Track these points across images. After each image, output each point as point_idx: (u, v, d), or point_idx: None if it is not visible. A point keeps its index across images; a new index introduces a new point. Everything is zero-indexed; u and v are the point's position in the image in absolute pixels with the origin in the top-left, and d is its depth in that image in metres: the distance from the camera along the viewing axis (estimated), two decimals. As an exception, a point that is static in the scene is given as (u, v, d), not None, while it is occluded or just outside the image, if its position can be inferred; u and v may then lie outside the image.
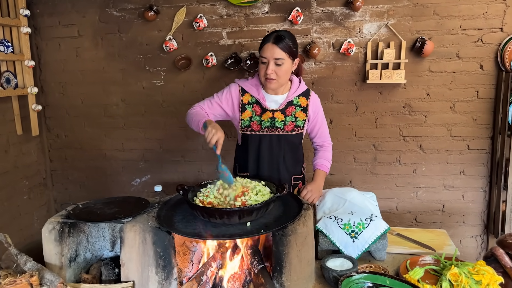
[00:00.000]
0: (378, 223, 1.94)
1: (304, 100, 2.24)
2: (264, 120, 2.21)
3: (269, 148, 2.25)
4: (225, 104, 2.23)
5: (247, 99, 2.22)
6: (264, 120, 2.21)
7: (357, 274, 1.71)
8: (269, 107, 2.21)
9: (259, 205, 1.64)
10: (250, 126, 2.23)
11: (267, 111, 2.21)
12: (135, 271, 1.72)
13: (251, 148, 2.26)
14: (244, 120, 2.24)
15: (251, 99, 2.22)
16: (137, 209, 1.85)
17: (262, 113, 2.22)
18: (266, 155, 2.26)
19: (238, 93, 2.23)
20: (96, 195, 3.48)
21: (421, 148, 3.04)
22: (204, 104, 2.22)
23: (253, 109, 2.22)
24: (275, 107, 2.22)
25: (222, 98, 2.23)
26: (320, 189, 2.23)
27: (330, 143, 2.37)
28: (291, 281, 1.64)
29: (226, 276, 1.76)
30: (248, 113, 2.23)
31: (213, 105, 2.22)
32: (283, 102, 2.21)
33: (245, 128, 2.25)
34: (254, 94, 2.21)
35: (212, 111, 2.22)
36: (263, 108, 2.21)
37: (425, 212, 3.12)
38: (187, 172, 3.37)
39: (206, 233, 1.61)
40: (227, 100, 2.23)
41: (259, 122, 2.22)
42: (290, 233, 1.63)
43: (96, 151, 3.46)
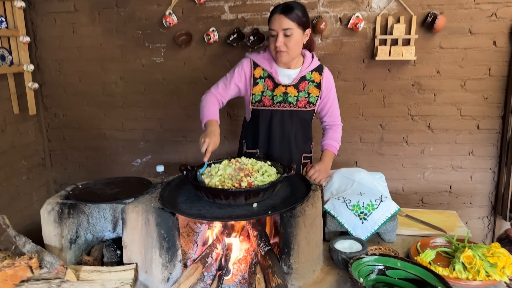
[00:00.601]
0: (388, 204, 1.87)
1: (318, 75, 2.16)
2: (277, 95, 2.13)
3: (281, 124, 2.17)
4: (239, 81, 2.15)
5: (259, 73, 2.14)
6: (276, 95, 2.13)
7: (367, 256, 1.65)
8: (281, 82, 2.13)
9: (266, 186, 1.57)
10: (262, 101, 2.15)
11: (279, 86, 2.13)
12: (138, 253, 1.66)
13: (262, 124, 2.19)
14: (255, 94, 2.15)
15: (263, 73, 2.14)
16: (139, 190, 1.79)
17: (274, 87, 2.13)
18: (278, 131, 2.18)
19: (250, 67, 2.15)
20: (96, 175, 3.42)
21: (429, 127, 2.96)
22: (218, 87, 2.15)
23: (265, 84, 2.14)
24: (288, 82, 2.13)
25: (235, 75, 2.15)
26: (327, 169, 2.16)
27: (340, 124, 2.29)
28: (299, 263, 1.58)
29: (232, 258, 1.70)
30: (259, 87, 2.15)
31: (227, 86, 2.15)
32: (296, 77, 2.12)
33: (256, 103, 2.16)
34: (266, 68, 2.12)
35: (228, 91, 2.15)
36: (276, 82, 2.13)
37: (432, 193, 3.06)
38: (189, 152, 3.30)
39: (211, 215, 1.54)
40: (240, 76, 2.15)
41: (271, 97, 2.14)
42: (298, 214, 1.56)
43: (95, 130, 3.37)
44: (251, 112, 2.22)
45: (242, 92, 2.20)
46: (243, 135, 2.37)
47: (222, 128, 1.96)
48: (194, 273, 1.57)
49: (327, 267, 1.74)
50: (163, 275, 1.58)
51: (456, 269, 1.62)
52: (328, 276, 1.68)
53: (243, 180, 1.64)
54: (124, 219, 1.66)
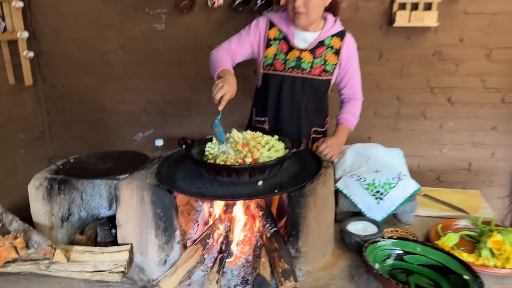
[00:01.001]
0: (406, 183, 1.71)
1: (338, 41, 1.96)
2: (289, 59, 1.95)
3: (291, 92, 2.00)
4: (253, 39, 1.98)
5: (274, 34, 1.96)
6: (289, 59, 1.95)
7: (384, 240, 1.50)
8: (297, 45, 1.94)
9: (273, 162, 1.41)
10: (273, 65, 1.97)
11: (294, 50, 1.94)
12: (133, 233, 1.53)
13: (271, 91, 2.01)
14: (268, 57, 1.98)
15: (279, 34, 1.95)
16: (135, 165, 1.64)
17: (288, 51, 1.95)
18: (287, 99, 2.01)
19: (265, 27, 1.96)
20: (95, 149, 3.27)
21: (449, 101, 2.76)
22: (231, 43, 1.97)
23: (279, 46, 1.96)
24: (303, 46, 1.94)
25: (251, 33, 1.97)
26: (341, 145, 1.98)
27: (361, 98, 2.10)
28: (308, 247, 1.44)
29: (235, 240, 1.57)
30: (272, 49, 1.97)
31: (240, 43, 1.97)
32: (314, 41, 1.93)
33: (267, 67, 1.99)
34: (283, 29, 1.94)
35: (241, 49, 1.97)
36: (290, 46, 1.94)
37: (449, 171, 2.89)
38: (192, 127, 3.14)
39: (211, 193, 1.39)
40: (255, 34, 1.97)
41: (283, 61, 1.96)
42: (308, 194, 1.41)
43: (95, 103, 3.22)
44: (262, 77, 2.05)
45: (255, 53, 2.02)
46: (254, 102, 2.21)
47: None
48: (193, 256, 1.44)
49: (338, 250, 1.59)
50: (160, 257, 1.45)
51: (483, 255, 1.47)
52: (340, 260, 1.53)
53: (248, 156, 1.49)
54: (118, 197, 1.53)
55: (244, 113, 2.35)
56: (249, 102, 2.94)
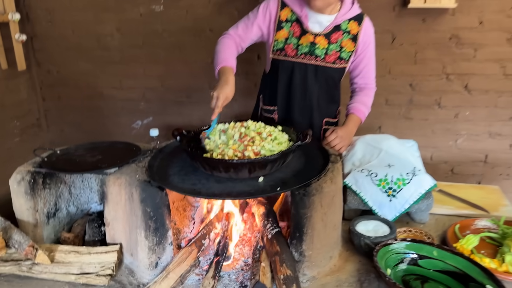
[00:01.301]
0: (422, 179, 1.56)
1: (356, 26, 1.79)
2: (302, 44, 1.79)
3: (303, 80, 1.84)
4: (262, 22, 1.82)
5: (285, 15, 1.79)
6: (302, 44, 1.79)
7: (397, 242, 1.37)
8: (311, 29, 1.78)
9: (275, 157, 1.27)
10: (284, 50, 1.82)
11: (307, 34, 1.78)
12: (122, 232, 1.41)
13: (281, 78, 1.86)
14: (278, 41, 1.82)
15: (291, 16, 1.79)
16: (125, 158, 1.51)
17: (301, 35, 1.79)
18: (298, 88, 1.85)
19: (276, 7, 1.80)
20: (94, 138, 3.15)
21: (466, 88, 2.58)
22: (238, 28, 1.82)
23: (291, 29, 1.80)
24: (318, 30, 1.78)
25: (259, 15, 1.81)
26: (350, 136, 1.83)
27: (374, 88, 1.95)
28: (313, 250, 1.31)
29: (233, 241, 1.44)
30: (283, 32, 1.81)
31: (248, 27, 1.81)
32: (330, 25, 1.77)
33: (277, 52, 1.83)
34: (296, 10, 1.77)
35: (249, 34, 1.82)
36: (304, 29, 1.78)
37: (463, 163, 2.72)
38: (193, 115, 3.00)
39: (207, 190, 1.26)
40: (265, 15, 1.81)
41: (295, 46, 1.80)
42: (314, 192, 1.27)
43: (91, 89, 3.08)
44: (271, 62, 1.89)
45: (264, 36, 1.86)
46: (261, 89, 2.06)
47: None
48: (187, 259, 1.31)
49: (346, 252, 1.46)
50: (150, 260, 1.32)
51: (507, 261, 1.33)
52: (348, 264, 1.40)
53: (248, 149, 1.35)
54: (105, 193, 1.40)
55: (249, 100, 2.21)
56: (253, 89, 2.81)
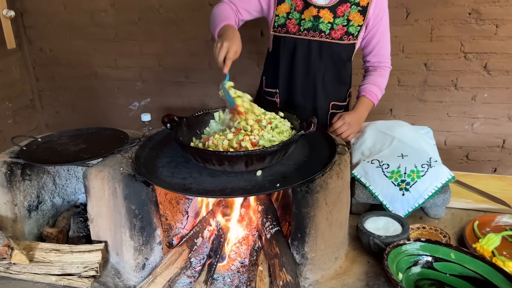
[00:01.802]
0: (438, 171, 1.41)
1: None
2: (305, 19, 1.62)
3: (306, 59, 1.68)
4: None
5: None
6: (304, 19, 1.62)
7: (410, 243, 1.23)
8: (315, 1, 1.61)
9: (275, 148, 1.13)
10: (285, 26, 1.65)
11: (311, 7, 1.61)
12: (107, 229, 1.28)
13: (283, 57, 1.71)
14: (279, 16, 1.65)
15: None
16: (111, 147, 1.37)
17: (304, 9, 1.63)
18: (301, 67, 1.70)
19: None
20: (90, 120, 3.05)
21: (485, 68, 2.39)
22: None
23: (293, 2, 1.64)
24: (323, 2, 1.62)
25: None
26: (360, 122, 1.67)
27: (389, 67, 1.77)
28: (316, 252, 1.18)
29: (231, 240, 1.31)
30: (285, 7, 1.64)
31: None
32: None
33: (278, 28, 1.67)
34: None
35: (245, 5, 1.67)
36: (307, 2, 1.62)
37: (479, 148, 2.56)
38: (192, 96, 2.84)
39: (198, 186, 1.12)
40: None
41: (297, 21, 1.63)
42: (318, 189, 1.12)
43: (86, 68, 2.93)
44: (273, 40, 1.74)
45: (265, 11, 1.70)
46: (264, 69, 1.90)
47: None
48: (176, 260, 1.19)
49: (353, 252, 1.33)
50: (137, 261, 1.20)
51: (534, 266, 1.18)
52: (355, 265, 1.27)
53: (245, 139, 1.20)
54: (87, 187, 1.27)
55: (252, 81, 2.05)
56: (256, 69, 2.64)
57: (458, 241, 1.37)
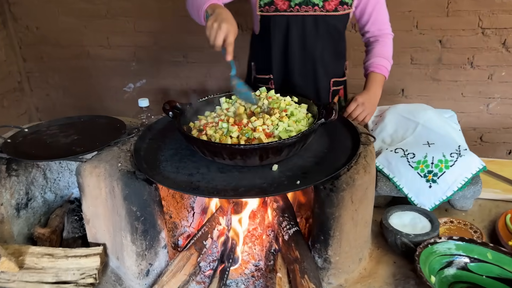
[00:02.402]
0: (468, 160, 1.29)
1: None
2: None
3: (301, 37, 1.53)
4: None
5: None
6: None
7: (443, 241, 1.12)
8: None
9: (293, 140, 0.99)
10: (273, 4, 1.49)
11: None
12: (105, 231, 1.15)
13: (276, 38, 1.54)
14: None
15: None
16: (106, 138, 1.22)
17: None
18: (297, 47, 1.54)
19: None
20: (82, 103, 2.88)
21: (504, 45, 2.24)
22: None
23: None
24: None
25: None
26: (375, 100, 1.52)
27: (391, 34, 1.60)
28: (340, 255, 1.06)
29: (240, 242, 1.18)
30: None
31: None
32: None
33: (265, 7, 1.50)
34: None
35: None
36: None
37: (494, 130, 2.44)
38: (191, 77, 2.67)
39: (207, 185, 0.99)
40: None
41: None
42: (344, 186, 0.99)
43: (76, 48, 2.74)
44: (260, 21, 1.56)
45: None
46: (251, 54, 1.73)
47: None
48: (184, 266, 1.06)
49: (377, 250, 1.21)
50: (140, 267, 1.08)
51: None
52: (380, 266, 1.16)
53: (257, 129, 1.06)
54: (81, 185, 1.13)
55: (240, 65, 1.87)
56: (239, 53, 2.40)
57: (490, 237, 1.26)
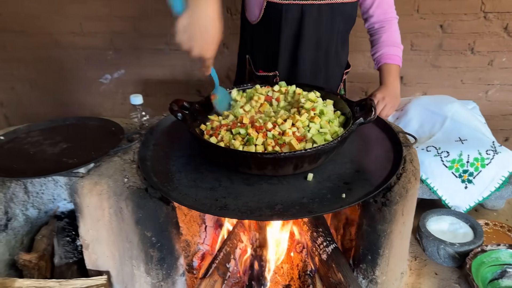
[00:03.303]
0: (505, 157, 1.19)
1: None
2: None
3: (317, 29, 1.34)
4: None
5: None
6: None
7: (492, 250, 1.01)
8: None
9: (333, 145, 0.85)
10: None
11: None
12: (109, 257, 0.97)
13: (286, 30, 1.34)
14: None
15: None
16: (102, 145, 1.03)
17: None
18: (311, 41, 1.35)
19: None
20: (52, 96, 2.60)
21: (506, 30, 2.16)
22: None
23: None
24: None
25: None
26: (396, 94, 1.38)
27: (396, 17, 1.46)
28: (387, 274, 0.93)
29: (272, 265, 1.03)
30: None
31: None
32: None
33: None
34: None
35: None
36: None
37: (492, 117, 2.38)
38: (176, 66, 2.45)
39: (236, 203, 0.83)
40: None
41: None
42: (397, 199, 0.86)
43: (44, 35, 2.45)
44: (264, 9, 1.34)
45: None
46: (243, 46, 1.52)
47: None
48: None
49: (415, 261, 1.10)
50: (156, 300, 0.91)
51: None
52: (422, 280, 1.05)
53: (287, 134, 0.91)
54: (78, 205, 0.94)
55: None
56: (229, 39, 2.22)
57: (529, 239, 1.17)
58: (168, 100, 1.01)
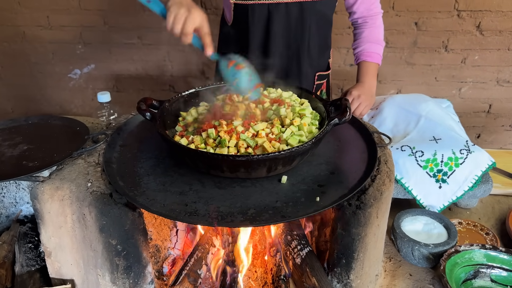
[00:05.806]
0: (478, 157, 1.19)
1: None
2: None
3: (286, 29, 1.32)
4: None
5: None
6: None
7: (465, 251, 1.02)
8: None
9: (307, 146, 0.83)
10: None
11: None
12: (73, 265, 0.92)
13: (254, 30, 1.31)
14: None
15: None
16: (66, 147, 0.97)
17: None
18: (279, 40, 1.33)
19: None
20: (18, 92, 2.50)
21: (478, 28, 2.19)
22: None
23: None
24: None
25: None
26: (371, 92, 1.38)
27: (380, 11, 1.43)
28: (362, 277, 0.92)
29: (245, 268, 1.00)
30: None
31: None
32: None
33: None
34: None
35: None
36: None
37: (465, 114, 2.43)
38: (148, 61, 2.38)
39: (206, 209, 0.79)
40: None
41: None
42: (371, 201, 0.84)
43: (9, 28, 2.34)
44: (233, 10, 1.32)
45: None
46: (221, 46, 1.48)
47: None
48: (179, 304, 0.87)
49: (390, 262, 1.09)
50: (122, 311, 0.87)
51: None
52: (397, 281, 1.04)
53: (260, 135, 0.88)
54: (39, 211, 0.88)
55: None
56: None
57: (501, 239, 1.18)
58: (140, 96, 0.97)
